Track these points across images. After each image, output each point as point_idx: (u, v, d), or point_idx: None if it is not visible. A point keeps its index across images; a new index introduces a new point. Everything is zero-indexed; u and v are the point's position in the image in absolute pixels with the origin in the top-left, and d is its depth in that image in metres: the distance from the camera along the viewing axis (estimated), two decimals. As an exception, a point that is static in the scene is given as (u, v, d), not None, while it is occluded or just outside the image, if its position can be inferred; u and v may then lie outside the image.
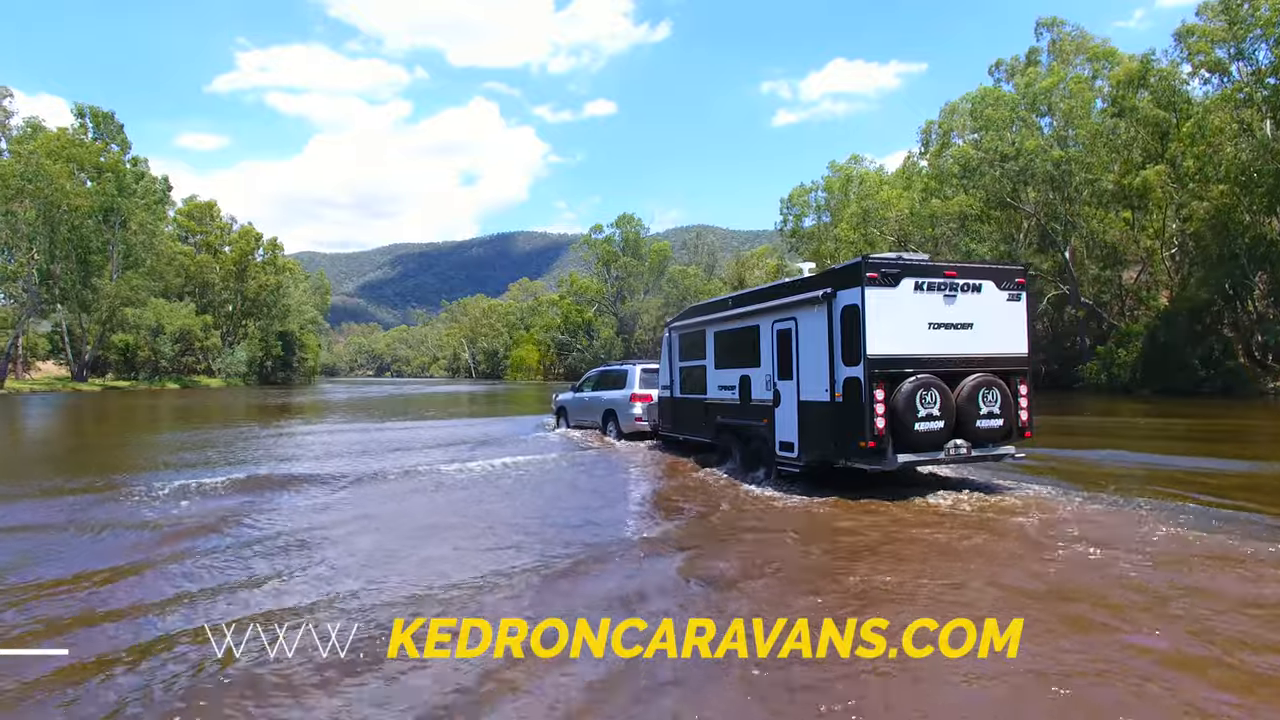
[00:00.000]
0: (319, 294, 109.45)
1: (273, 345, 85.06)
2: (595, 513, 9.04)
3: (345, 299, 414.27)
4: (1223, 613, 4.95)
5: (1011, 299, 9.30)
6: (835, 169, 72.84)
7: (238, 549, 7.17)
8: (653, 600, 5.56)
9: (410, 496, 10.24)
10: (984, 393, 8.81)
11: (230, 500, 9.77)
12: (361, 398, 49.47)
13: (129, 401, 44.79)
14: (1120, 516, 7.92)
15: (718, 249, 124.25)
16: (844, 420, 8.77)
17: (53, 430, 26.43)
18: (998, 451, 9.13)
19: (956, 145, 56.28)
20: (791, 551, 6.98)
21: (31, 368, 73.54)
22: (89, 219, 58.22)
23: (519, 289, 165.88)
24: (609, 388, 17.35)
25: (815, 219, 74.51)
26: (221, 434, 21.27)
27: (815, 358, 9.30)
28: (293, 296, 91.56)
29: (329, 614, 5.20)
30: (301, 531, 7.94)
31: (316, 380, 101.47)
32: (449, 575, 6.21)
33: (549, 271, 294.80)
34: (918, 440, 8.55)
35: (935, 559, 6.48)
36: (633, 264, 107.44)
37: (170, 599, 5.71)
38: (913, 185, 61.48)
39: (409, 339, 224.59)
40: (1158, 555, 6.34)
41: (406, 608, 5.33)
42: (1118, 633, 4.66)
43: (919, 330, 8.76)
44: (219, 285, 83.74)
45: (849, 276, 8.80)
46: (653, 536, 7.70)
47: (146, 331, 66.36)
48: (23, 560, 6.91)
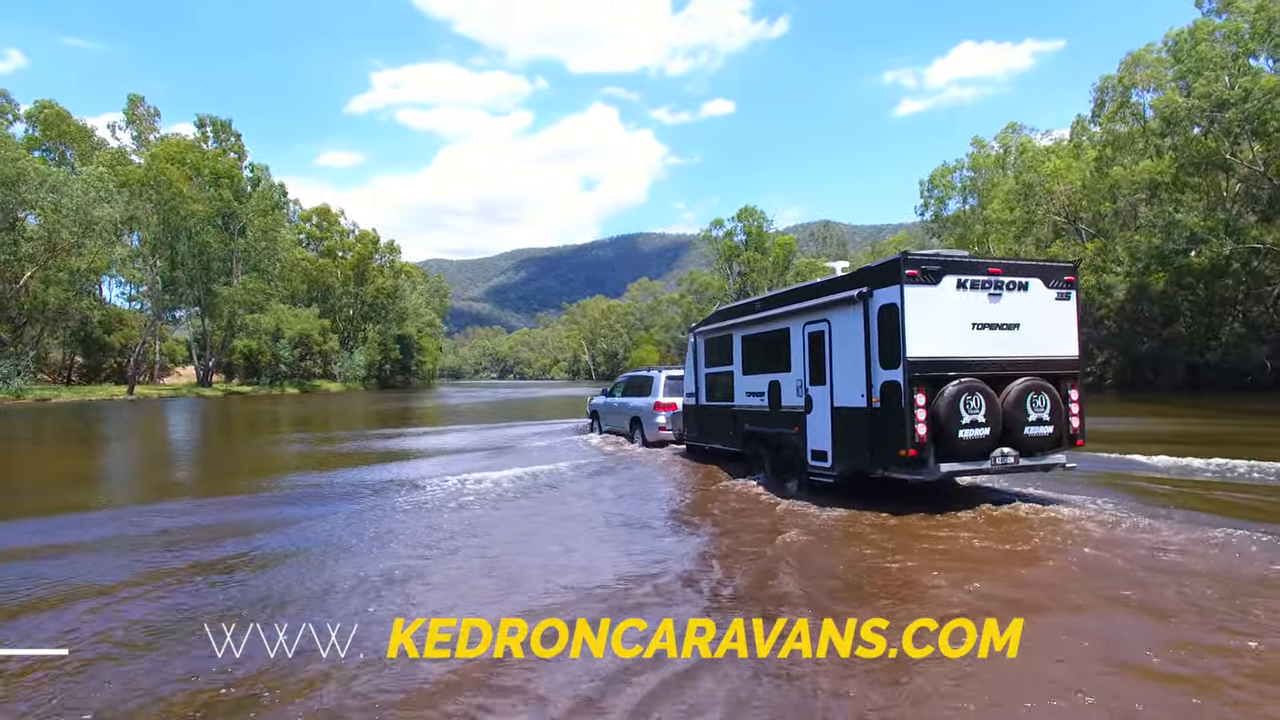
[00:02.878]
0: (437, 297, 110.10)
1: (391, 349, 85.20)
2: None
3: (471, 303, 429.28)
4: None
5: (1061, 298, 8.81)
6: (980, 145, 64.46)
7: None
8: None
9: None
10: (1032, 397, 8.33)
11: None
12: (459, 403, 46.80)
13: (233, 408, 43.86)
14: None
15: (847, 240, 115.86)
16: (882, 427, 8.26)
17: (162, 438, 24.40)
18: (1047, 460, 8.59)
19: (1138, 102, 47.45)
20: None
21: (171, 373, 76.65)
22: (208, 224, 59.05)
23: (638, 289, 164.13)
24: (636, 394, 17.06)
25: (960, 201, 66.75)
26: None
27: (851, 361, 8.85)
28: (410, 300, 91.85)
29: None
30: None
31: (436, 384, 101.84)
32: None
33: (670, 271, 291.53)
34: (962, 448, 7.99)
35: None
36: (756, 259, 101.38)
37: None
38: (1082, 154, 52.65)
39: (531, 341, 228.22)
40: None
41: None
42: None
43: (962, 331, 8.28)
44: (339, 290, 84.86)
45: (887, 274, 8.30)
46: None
47: (267, 336, 67.11)
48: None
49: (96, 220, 48.88)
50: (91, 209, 48.53)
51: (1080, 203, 49.33)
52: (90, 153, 60.44)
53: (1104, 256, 46.12)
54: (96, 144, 63.84)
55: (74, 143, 62.05)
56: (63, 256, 51.29)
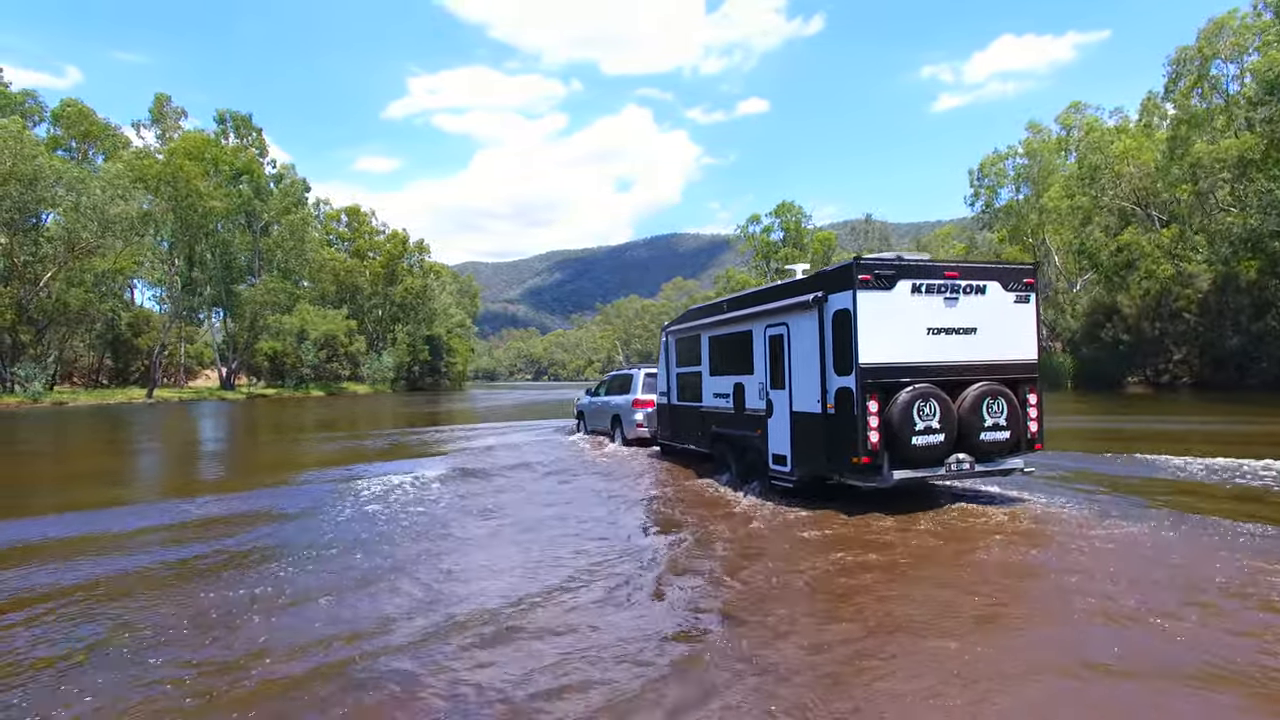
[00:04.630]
0: (467, 298, 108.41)
1: (419, 350, 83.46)
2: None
3: (506, 306, 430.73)
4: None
5: (1020, 301, 8.69)
6: (1037, 130, 60.27)
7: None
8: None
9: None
10: (989, 402, 8.24)
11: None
12: (467, 407, 44.48)
13: (241, 411, 42.19)
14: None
15: (890, 234, 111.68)
16: (836, 433, 8.18)
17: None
18: (1004, 465, 8.49)
19: (1218, 75, 43.30)
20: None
21: (199, 375, 75.72)
22: (228, 222, 57.68)
23: (673, 289, 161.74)
24: (617, 392, 16.73)
25: (1013, 190, 62.69)
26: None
27: (808, 366, 8.67)
28: (440, 300, 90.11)
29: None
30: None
31: (467, 386, 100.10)
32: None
33: (705, 271, 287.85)
34: (915, 455, 7.94)
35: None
36: (795, 255, 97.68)
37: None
38: (1152, 133, 48.51)
39: (565, 343, 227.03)
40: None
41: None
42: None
43: (917, 336, 8.14)
44: (368, 290, 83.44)
45: (840, 279, 8.16)
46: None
47: (292, 338, 65.66)
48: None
49: (114, 219, 47.64)
50: (109, 207, 47.31)
51: (1154, 186, 45.18)
52: (115, 151, 59.66)
53: (1182, 243, 42.11)
54: (122, 143, 63.15)
55: (98, 141, 61.33)
56: (85, 257, 50.24)
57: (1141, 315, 43.12)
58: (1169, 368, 42.43)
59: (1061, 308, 56.70)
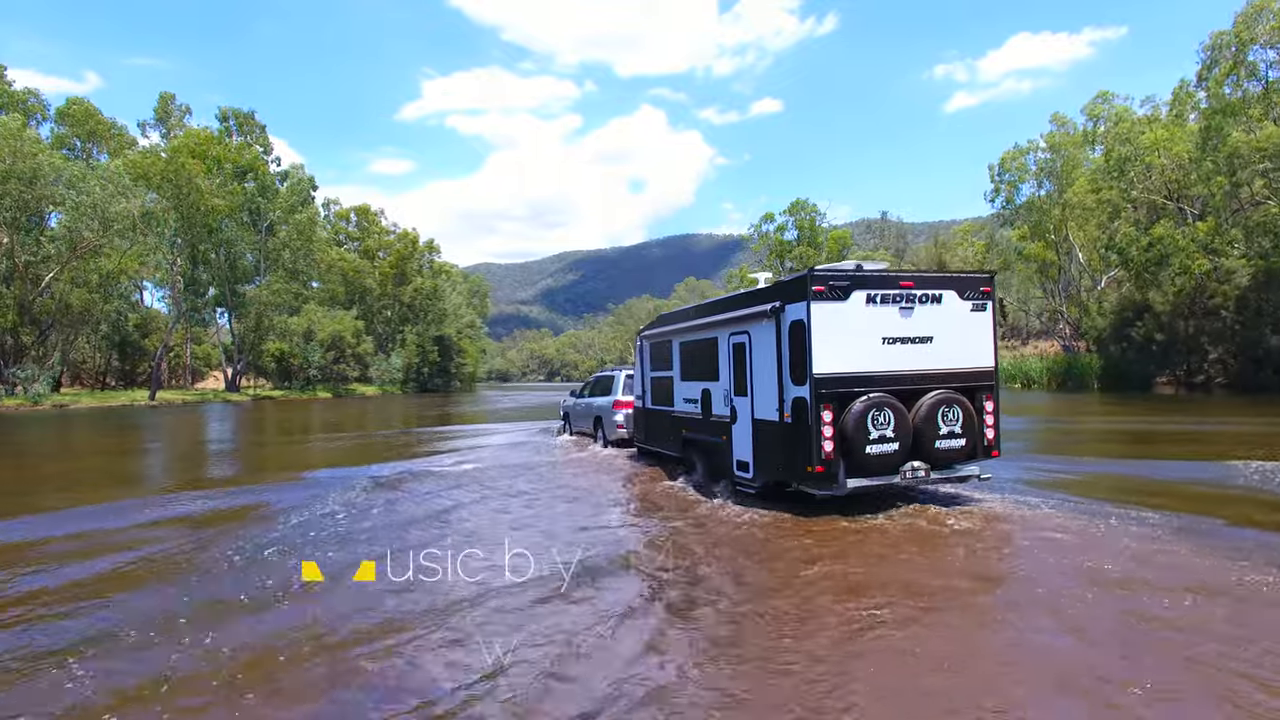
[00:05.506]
0: (478, 298, 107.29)
1: (429, 351, 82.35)
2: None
3: (519, 307, 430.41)
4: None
5: (976, 309, 8.74)
6: (1062, 123, 58.31)
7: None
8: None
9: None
10: (944, 411, 8.35)
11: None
12: (467, 410, 43.28)
13: (241, 415, 41.15)
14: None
15: (906, 233, 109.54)
16: (793, 442, 8.30)
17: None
18: (961, 473, 8.66)
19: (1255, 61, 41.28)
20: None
21: (206, 377, 74.97)
22: (229, 220, 56.69)
23: (685, 289, 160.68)
24: (599, 394, 16.59)
25: (1034, 186, 60.75)
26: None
27: (767, 375, 8.77)
28: (450, 300, 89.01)
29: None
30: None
31: (477, 387, 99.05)
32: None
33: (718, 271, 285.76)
34: (870, 464, 8.08)
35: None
36: (809, 254, 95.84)
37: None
38: (1184, 123, 46.52)
39: (578, 343, 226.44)
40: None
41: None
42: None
43: (872, 346, 8.27)
44: (377, 291, 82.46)
45: (796, 290, 8.25)
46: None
47: (299, 339, 64.65)
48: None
49: (114, 217, 46.76)
50: (109, 204, 46.45)
51: (1186, 178, 43.22)
52: (120, 151, 58.92)
53: (1220, 238, 40.18)
54: (128, 143, 62.46)
55: (103, 140, 60.64)
56: (89, 257, 49.41)
57: (1175, 313, 41.22)
58: (1204, 368, 40.51)
59: (1086, 306, 54.77)
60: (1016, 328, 77.25)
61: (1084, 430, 21.97)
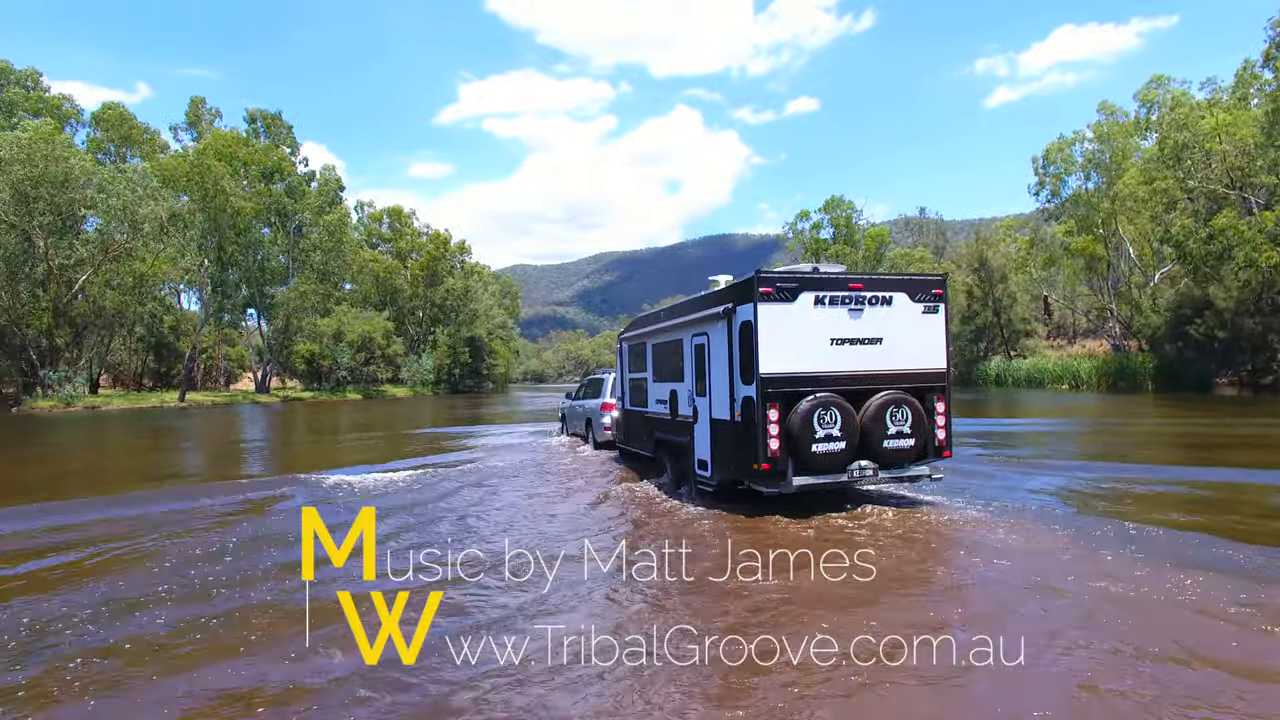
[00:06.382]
0: (509, 298, 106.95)
1: (460, 352, 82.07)
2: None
3: (555, 308, 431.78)
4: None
5: (928, 311, 8.80)
6: (1110, 112, 55.44)
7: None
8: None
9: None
10: (893, 411, 8.43)
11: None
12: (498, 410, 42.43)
13: (262, 417, 40.90)
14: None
15: (946, 229, 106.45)
16: (743, 440, 8.43)
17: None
18: (911, 472, 8.71)
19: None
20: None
21: (239, 378, 75.57)
22: (256, 222, 56.78)
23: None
24: (590, 396, 16.67)
25: (1081, 178, 57.93)
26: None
27: (721, 375, 8.94)
28: (481, 301, 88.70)
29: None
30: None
31: (509, 388, 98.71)
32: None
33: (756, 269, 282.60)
34: (817, 462, 8.19)
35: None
36: (846, 252, 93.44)
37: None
38: (1247, 107, 43.67)
39: (612, 344, 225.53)
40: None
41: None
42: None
43: (819, 347, 8.38)
44: (408, 292, 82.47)
45: (745, 292, 8.41)
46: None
47: (328, 340, 64.68)
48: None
49: (143, 219, 46.97)
50: (138, 206, 46.67)
51: (1252, 165, 40.48)
52: (153, 155, 59.54)
53: (1289, 228, 37.47)
54: (160, 146, 63.14)
55: (137, 145, 61.33)
56: (123, 259, 49.78)
57: (1239, 309, 38.58)
58: (1272, 366, 37.85)
59: (1137, 303, 51.98)
60: (1063, 326, 74.02)
61: (1159, 433, 20.16)
